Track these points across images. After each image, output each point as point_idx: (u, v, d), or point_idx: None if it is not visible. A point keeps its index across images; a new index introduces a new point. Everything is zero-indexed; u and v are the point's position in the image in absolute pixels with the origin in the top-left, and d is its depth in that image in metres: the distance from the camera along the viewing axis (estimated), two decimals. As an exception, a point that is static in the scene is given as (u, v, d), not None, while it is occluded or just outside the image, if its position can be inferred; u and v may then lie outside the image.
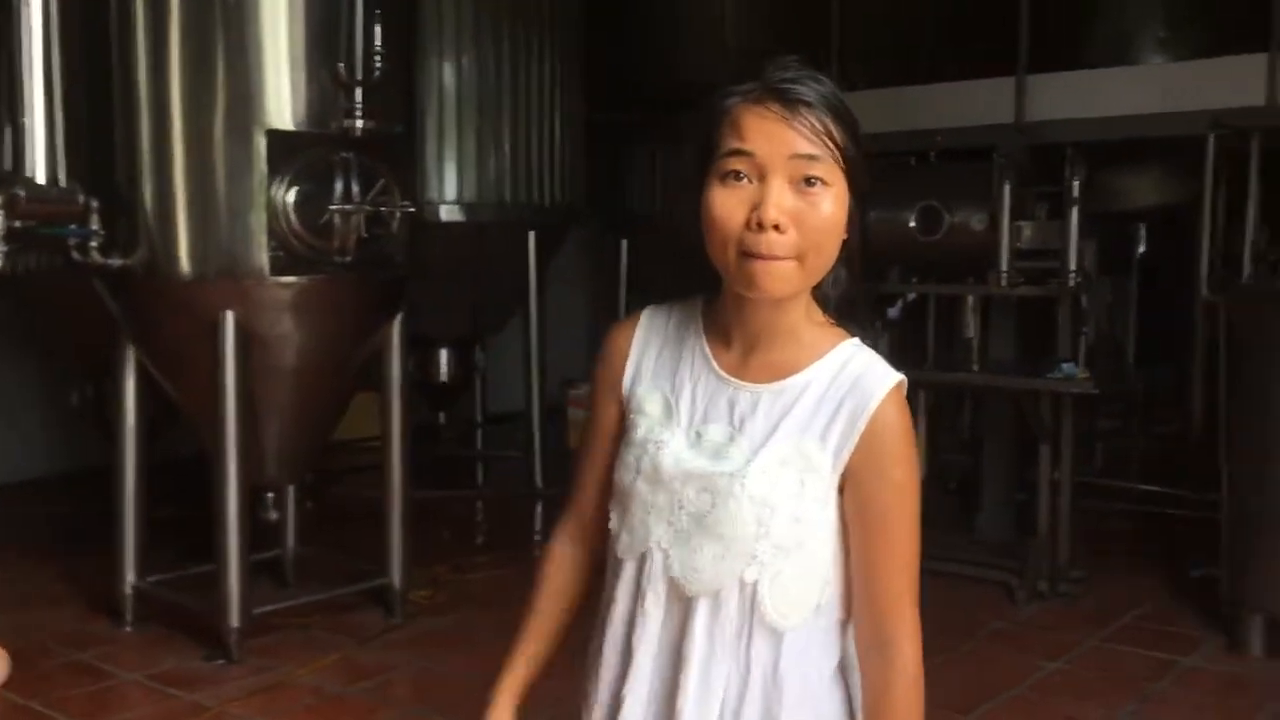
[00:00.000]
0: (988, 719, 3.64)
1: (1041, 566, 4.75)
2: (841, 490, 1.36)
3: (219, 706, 3.76)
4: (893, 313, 6.45)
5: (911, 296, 5.92)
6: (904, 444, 1.36)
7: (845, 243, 1.35)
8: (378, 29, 3.91)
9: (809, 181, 1.28)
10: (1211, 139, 4.57)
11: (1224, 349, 4.33)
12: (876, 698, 1.38)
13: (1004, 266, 4.71)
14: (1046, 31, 5.68)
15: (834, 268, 1.36)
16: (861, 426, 1.33)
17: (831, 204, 1.29)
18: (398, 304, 4.32)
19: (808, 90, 1.30)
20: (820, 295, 1.39)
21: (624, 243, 8.71)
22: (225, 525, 3.99)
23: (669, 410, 1.42)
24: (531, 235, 6.42)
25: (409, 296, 4.38)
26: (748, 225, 1.28)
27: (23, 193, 3.54)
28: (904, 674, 1.36)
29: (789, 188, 1.28)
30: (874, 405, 1.33)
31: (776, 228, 1.26)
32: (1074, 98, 5.25)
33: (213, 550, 4.05)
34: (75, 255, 3.85)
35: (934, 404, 5.66)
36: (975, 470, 5.67)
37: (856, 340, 1.40)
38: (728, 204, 1.29)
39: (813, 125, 1.28)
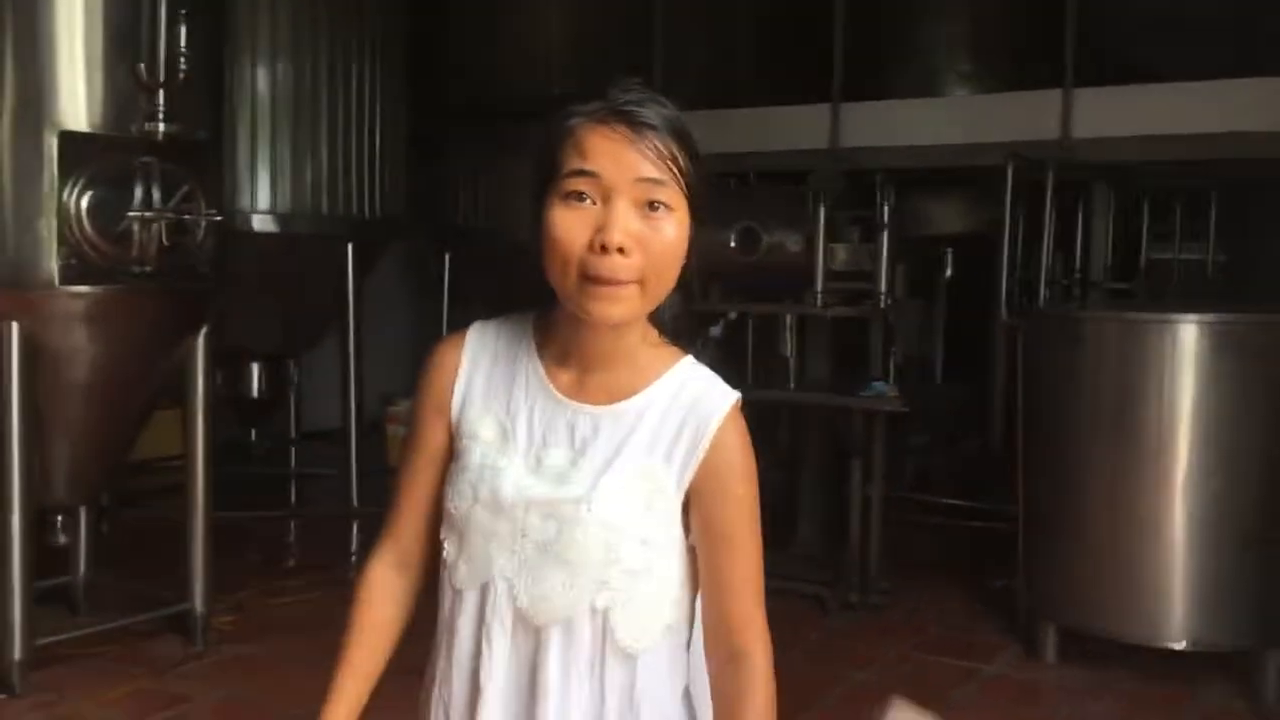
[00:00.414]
0: (801, 731, 3.71)
1: (852, 579, 4.87)
2: (685, 509, 1.36)
3: (-2, 745, 3.51)
4: (714, 331, 6.55)
5: (732, 315, 6.04)
6: (745, 460, 1.36)
7: (684, 266, 1.34)
8: (182, 28, 3.74)
9: (653, 206, 1.27)
10: (1010, 169, 4.78)
11: (1020, 369, 4.53)
12: (733, 708, 1.36)
13: (819, 287, 4.83)
14: (859, 60, 5.88)
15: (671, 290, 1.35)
16: (704, 446, 1.33)
17: (674, 229, 1.28)
18: (203, 317, 4.13)
19: (653, 113, 1.28)
20: (655, 316, 1.37)
21: (446, 256, 8.61)
22: (7, 550, 3.73)
23: (505, 434, 1.37)
24: (349, 247, 6.26)
25: (215, 309, 4.20)
26: (590, 247, 1.25)
27: None
28: (759, 683, 1.36)
29: (633, 211, 1.26)
30: (715, 425, 1.33)
31: (621, 251, 1.24)
32: (885, 126, 5.46)
33: (-7, 578, 3.77)
34: None
35: (753, 421, 5.77)
36: (793, 485, 5.80)
37: (691, 359, 1.40)
38: (570, 225, 1.26)
39: (658, 149, 1.27)
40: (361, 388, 6.49)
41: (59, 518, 4.19)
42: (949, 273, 7.97)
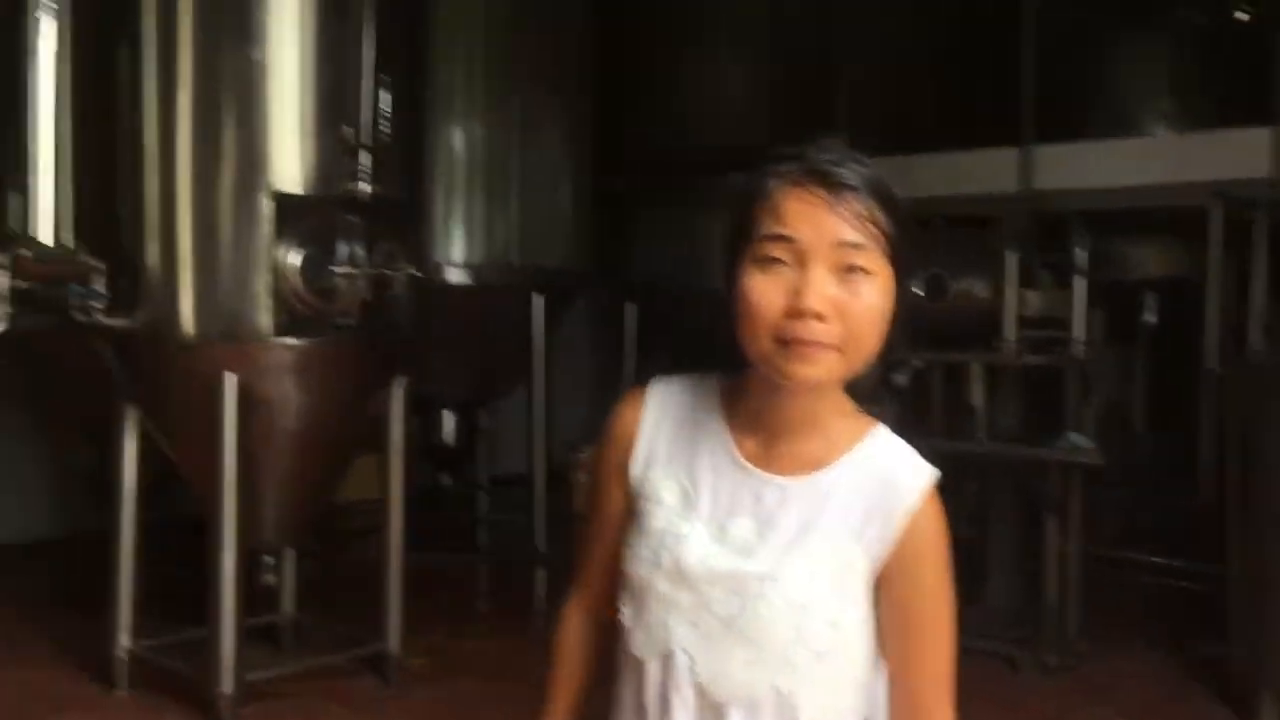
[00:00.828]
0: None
1: (1047, 639, 4.67)
2: (875, 590, 1.30)
3: (209, 775, 3.69)
4: (900, 379, 6.44)
5: (918, 364, 5.93)
6: (940, 546, 1.31)
7: (887, 333, 1.27)
8: (385, 94, 3.94)
9: (852, 270, 1.22)
10: (1214, 210, 4.56)
11: (1230, 420, 4.29)
12: None
13: (1009, 336, 4.69)
14: (1052, 102, 5.73)
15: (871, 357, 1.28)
16: (898, 529, 1.28)
17: (876, 294, 1.23)
18: (400, 367, 4.31)
19: (852, 174, 1.23)
20: (850, 385, 1.31)
21: (631, 307, 8.74)
22: (219, 589, 3.94)
23: (688, 500, 1.32)
24: (538, 299, 6.42)
25: (412, 360, 4.37)
26: (786, 312, 1.21)
27: (28, 253, 3.55)
28: None
29: (831, 275, 1.21)
30: (909, 507, 1.28)
31: (818, 316, 1.20)
32: (1079, 168, 5.28)
33: (206, 614, 4.00)
34: (78, 316, 3.85)
35: (941, 473, 5.62)
36: (982, 540, 5.61)
37: (884, 429, 1.35)
38: (766, 290, 1.22)
39: (857, 211, 1.22)
40: (548, 435, 6.62)
41: (267, 558, 4.41)
42: (1151, 318, 7.65)
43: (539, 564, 6.20)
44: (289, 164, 3.91)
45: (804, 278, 1.21)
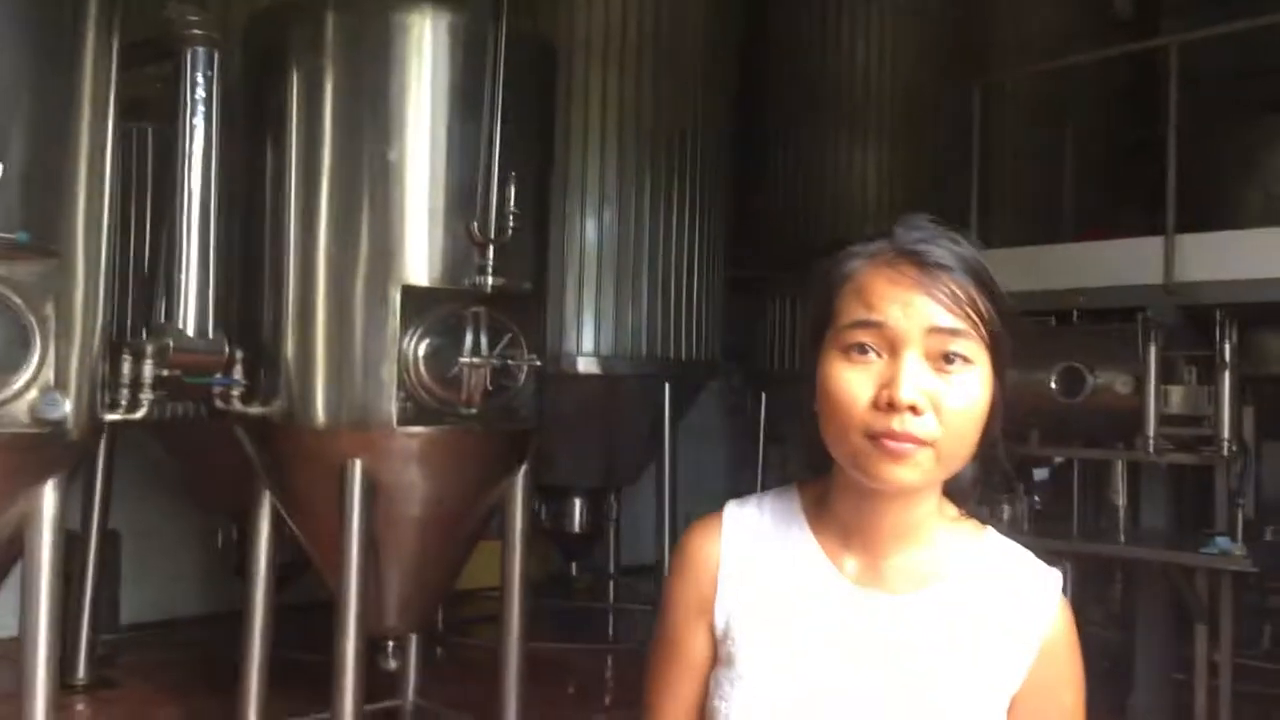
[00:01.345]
0: None
1: (1197, 757, 4.39)
2: (1008, 712, 1.18)
3: None
4: (1040, 474, 6.22)
5: (1059, 460, 5.72)
6: (1076, 664, 1.20)
7: (986, 428, 1.16)
8: (511, 189, 4.04)
9: (949, 359, 1.11)
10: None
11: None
12: None
13: (1151, 432, 4.50)
14: (1202, 192, 5.54)
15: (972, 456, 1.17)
16: (1034, 647, 1.17)
17: (976, 385, 1.11)
18: (523, 455, 4.36)
19: (945, 253, 1.12)
20: (953, 487, 1.21)
21: (762, 395, 8.69)
22: (342, 673, 4.00)
23: (793, 633, 1.18)
24: (667, 387, 6.44)
25: (534, 447, 4.41)
26: (876, 404, 1.09)
27: (172, 343, 3.72)
28: None
29: (926, 364, 1.10)
30: (1046, 620, 1.17)
31: (913, 409, 1.08)
32: (1225, 258, 5.07)
33: (331, 697, 4.06)
34: (219, 403, 4.01)
35: (1081, 575, 5.39)
36: (1128, 647, 5.33)
37: (992, 530, 1.24)
38: (853, 382, 1.10)
39: (953, 293, 1.11)
40: (676, 523, 6.59)
41: (390, 644, 4.47)
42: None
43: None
44: (418, 258, 4.04)
45: (895, 367, 1.09)
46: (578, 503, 6.98)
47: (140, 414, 3.61)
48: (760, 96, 7.85)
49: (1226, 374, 4.36)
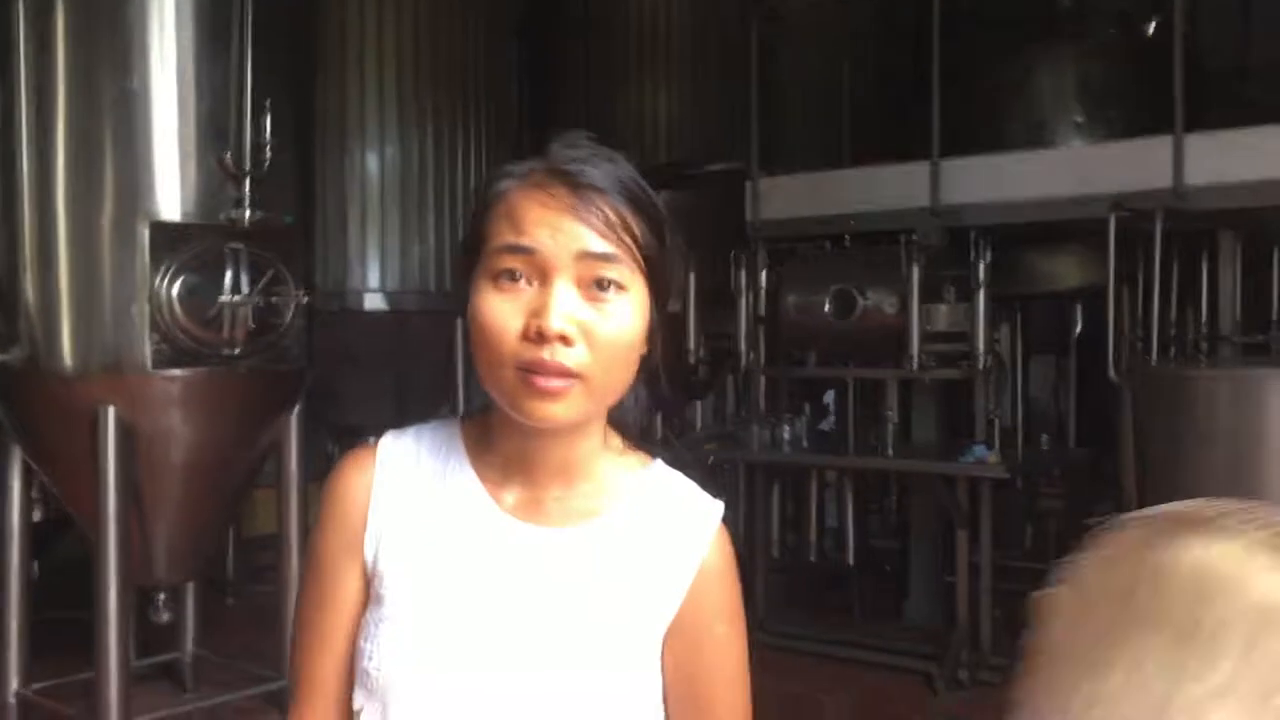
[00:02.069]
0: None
1: (961, 655, 4.64)
2: (662, 650, 1.13)
3: (94, 822, 3.58)
4: (827, 399, 6.43)
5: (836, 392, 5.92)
6: (734, 595, 1.15)
7: (645, 356, 1.10)
8: (267, 120, 3.88)
9: (601, 285, 1.05)
10: (1112, 221, 4.56)
11: (1132, 429, 4.28)
12: None
13: (914, 350, 4.68)
14: (968, 116, 5.74)
15: (633, 386, 1.11)
16: (688, 578, 1.12)
17: (629, 313, 1.06)
18: (295, 397, 4.23)
19: (600, 174, 1.05)
20: (617, 419, 1.15)
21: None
22: (105, 629, 3.84)
23: (442, 571, 1.11)
24: (459, 322, 6.33)
25: (306, 389, 4.29)
26: (525, 334, 1.03)
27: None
28: None
29: (577, 290, 1.04)
30: (701, 552, 1.13)
31: (563, 339, 1.02)
32: (989, 181, 5.28)
33: (93, 655, 3.89)
34: (-49, 351, 3.75)
35: (862, 490, 5.62)
36: (903, 555, 5.60)
37: (662, 464, 1.18)
38: (502, 311, 1.04)
39: (606, 217, 1.04)
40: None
41: (161, 596, 4.31)
42: (1079, 328, 7.69)
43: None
44: (168, 192, 3.83)
45: (545, 295, 1.03)
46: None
47: None
48: (549, 29, 7.75)
49: (981, 293, 4.56)
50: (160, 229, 3.80)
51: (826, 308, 4.99)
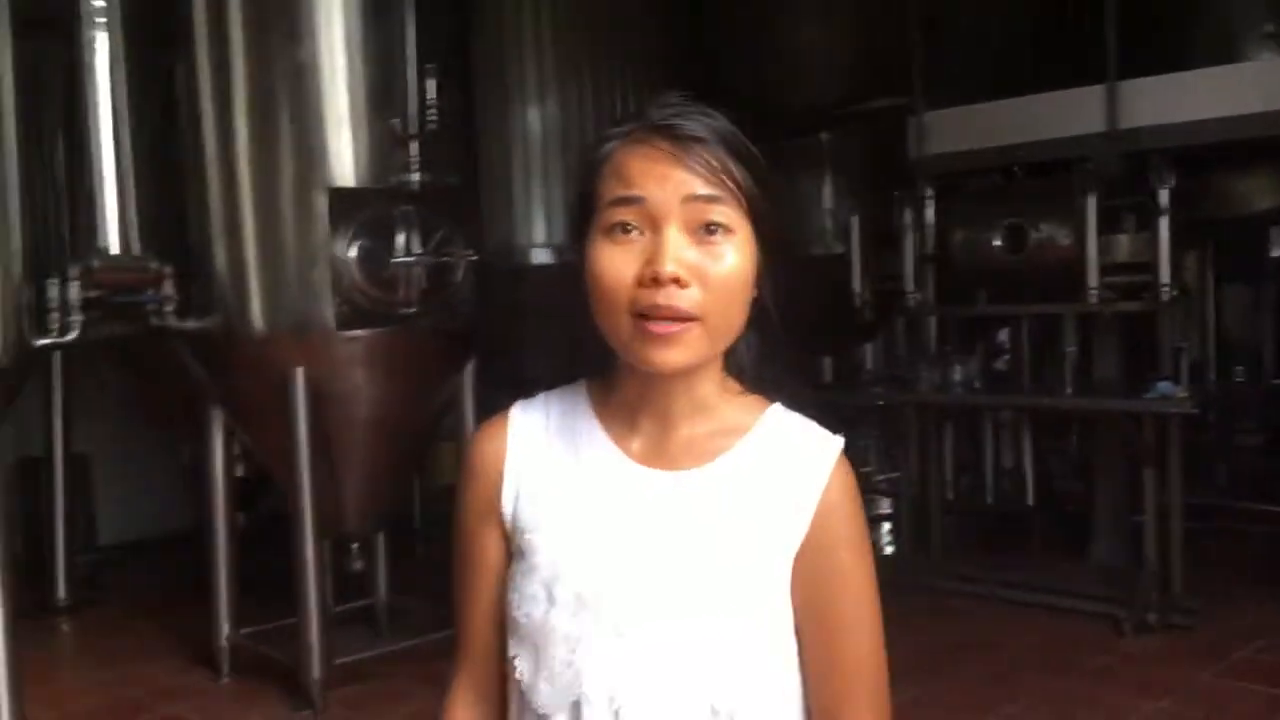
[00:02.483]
0: (1081, 764, 3.44)
1: (1150, 597, 4.48)
2: (791, 581, 1.16)
3: (302, 758, 3.82)
4: (1001, 337, 6.25)
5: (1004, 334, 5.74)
6: (856, 524, 1.17)
7: (756, 300, 1.14)
8: (431, 84, 3.97)
9: (709, 229, 1.09)
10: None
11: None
12: None
13: (1092, 283, 4.49)
14: (1146, 36, 5.44)
15: (745, 330, 1.16)
16: (810, 510, 1.15)
17: (736, 254, 1.10)
18: (468, 353, 4.36)
19: (697, 125, 1.10)
20: (733, 364, 1.19)
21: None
22: (304, 577, 4.07)
23: (578, 519, 1.17)
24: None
25: (479, 345, 4.41)
26: (640, 282, 1.07)
27: (97, 263, 3.70)
28: None
29: (687, 236, 1.08)
30: (821, 484, 1.16)
31: (677, 281, 1.06)
32: (1171, 101, 5.00)
33: (294, 602, 4.13)
34: (153, 320, 3.99)
35: (1040, 429, 5.46)
36: (1089, 494, 5.42)
37: (778, 405, 1.21)
38: (616, 261, 1.08)
39: (707, 163, 1.09)
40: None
41: (354, 546, 4.53)
42: (1276, 252, 7.24)
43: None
44: (341, 159, 3.98)
45: (657, 241, 1.08)
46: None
47: (72, 337, 3.60)
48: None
49: (1164, 219, 4.34)
50: (337, 195, 3.95)
51: (997, 243, 4.83)
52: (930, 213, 5.27)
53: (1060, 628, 4.56)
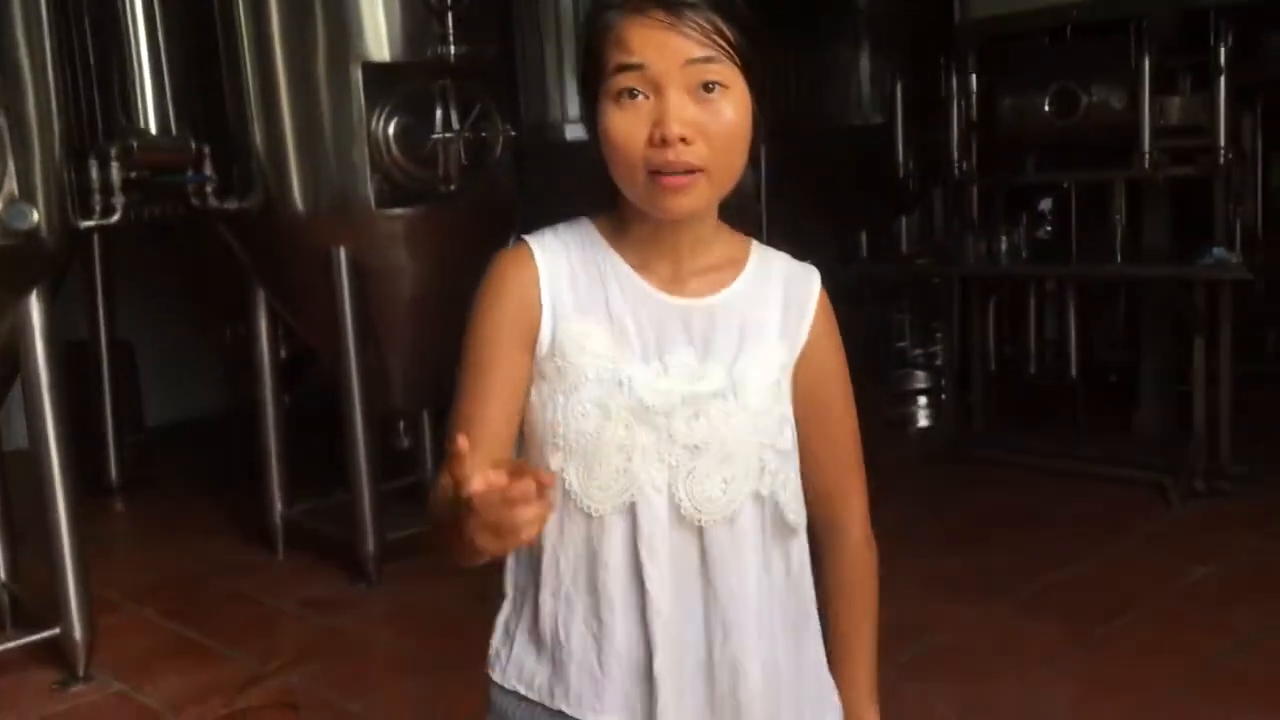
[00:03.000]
0: (1129, 631, 3.47)
1: (1197, 464, 4.48)
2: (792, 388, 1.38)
3: (361, 629, 3.92)
4: (1044, 206, 6.14)
5: (1065, 185, 5.63)
6: (836, 333, 1.41)
7: (752, 145, 1.29)
8: (470, -43, 3.85)
9: (707, 88, 1.22)
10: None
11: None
12: (836, 576, 1.45)
13: (1146, 148, 4.39)
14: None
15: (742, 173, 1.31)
16: (808, 322, 1.37)
17: (733, 109, 1.23)
18: (508, 230, 4.31)
19: None
20: (722, 204, 1.34)
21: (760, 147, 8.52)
22: (355, 454, 4.12)
23: (618, 342, 1.30)
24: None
25: (519, 222, 4.37)
26: (651, 142, 1.21)
27: (136, 144, 3.66)
28: (858, 555, 1.46)
29: (688, 97, 1.21)
30: (813, 302, 1.38)
31: (684, 140, 1.20)
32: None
33: (346, 479, 4.19)
34: (194, 201, 3.97)
35: (1083, 299, 5.40)
36: (1134, 364, 5.38)
37: (754, 241, 1.41)
38: (626, 125, 1.22)
39: (702, 26, 1.21)
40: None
41: (401, 423, 4.57)
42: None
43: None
44: (376, 33, 3.90)
45: (661, 105, 1.21)
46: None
47: (115, 218, 3.59)
48: None
49: (1222, 80, 4.21)
50: (371, 70, 3.88)
51: (1047, 108, 4.71)
52: (975, 79, 5.13)
53: (1109, 495, 4.57)
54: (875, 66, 7.68)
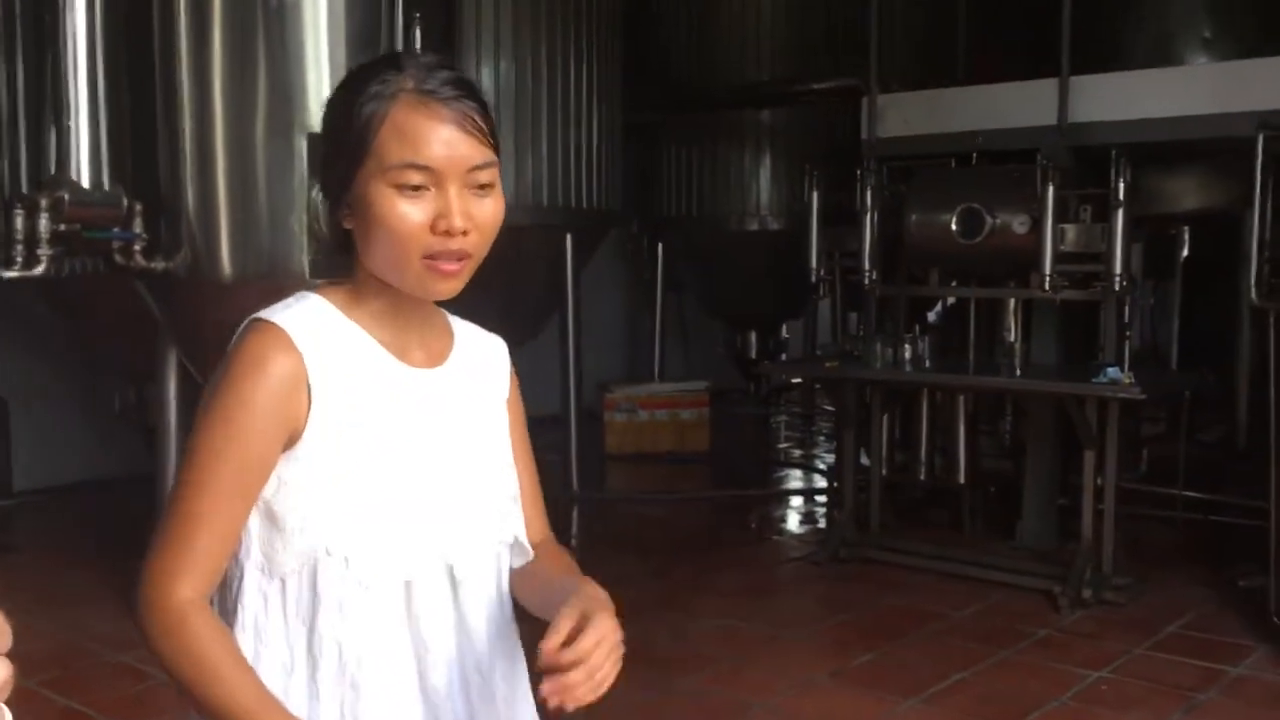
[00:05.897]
0: (1033, 730, 3.59)
1: (1085, 574, 4.68)
2: None
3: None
4: (932, 316, 6.41)
5: (951, 300, 5.90)
6: (520, 399, 1.56)
7: None
8: (417, 31, 3.91)
9: (482, 187, 1.32)
10: (1260, 140, 4.48)
11: (1273, 355, 4.25)
12: (555, 555, 1.55)
13: (1047, 270, 4.65)
14: (1090, 32, 5.62)
15: None
16: (505, 392, 1.53)
17: (496, 203, 1.34)
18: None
19: (468, 90, 1.32)
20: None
21: (659, 244, 8.71)
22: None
23: (379, 418, 1.35)
24: (568, 238, 6.40)
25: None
26: (433, 230, 1.29)
27: (67, 196, 3.56)
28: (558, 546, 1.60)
29: (466, 191, 1.30)
30: (506, 371, 1.54)
31: (463, 231, 1.30)
32: (1118, 99, 5.19)
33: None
34: (118, 258, 3.86)
35: (973, 409, 5.63)
36: (1016, 476, 5.61)
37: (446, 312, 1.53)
38: (412, 216, 1.29)
39: (480, 128, 1.31)
40: (581, 374, 6.63)
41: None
42: (1186, 252, 7.55)
43: (573, 502, 6.25)
44: (322, 103, 3.88)
45: (446, 200, 1.29)
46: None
47: (39, 271, 3.47)
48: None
49: (1120, 211, 4.52)
50: (317, 139, 3.86)
51: (953, 226, 4.96)
52: (870, 195, 5.36)
53: (1000, 601, 4.74)
54: (776, 174, 8.00)
